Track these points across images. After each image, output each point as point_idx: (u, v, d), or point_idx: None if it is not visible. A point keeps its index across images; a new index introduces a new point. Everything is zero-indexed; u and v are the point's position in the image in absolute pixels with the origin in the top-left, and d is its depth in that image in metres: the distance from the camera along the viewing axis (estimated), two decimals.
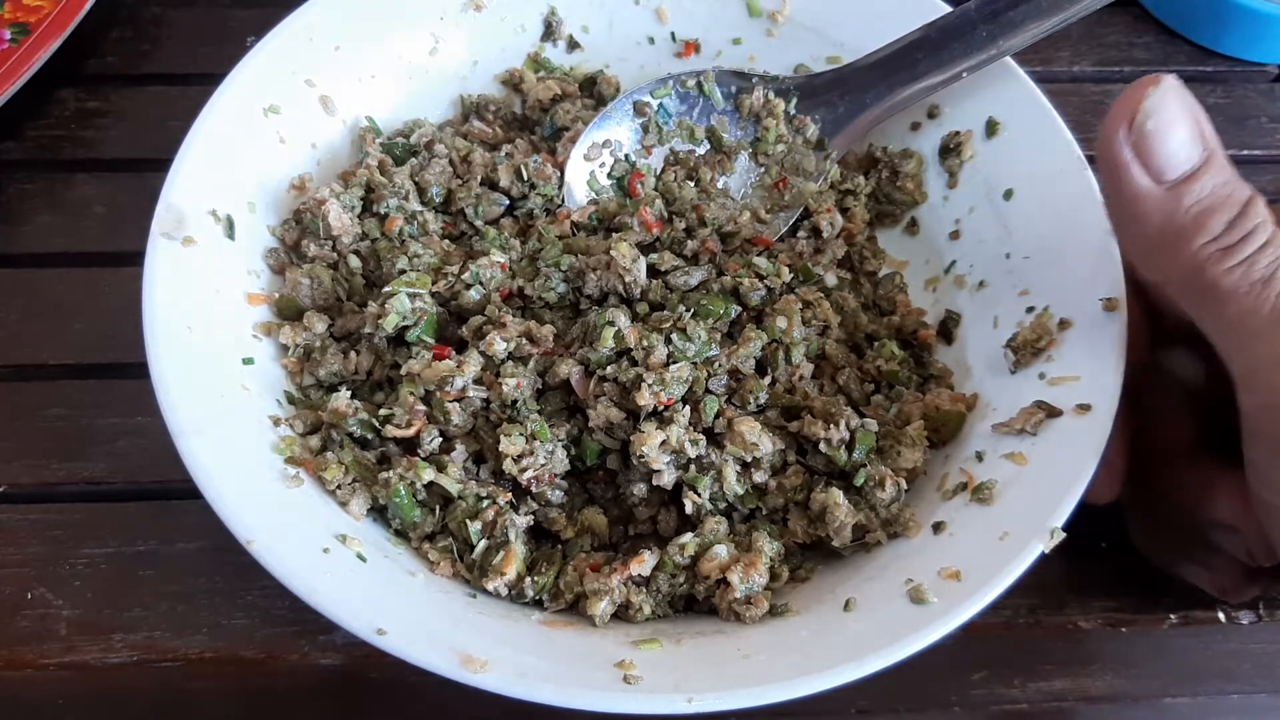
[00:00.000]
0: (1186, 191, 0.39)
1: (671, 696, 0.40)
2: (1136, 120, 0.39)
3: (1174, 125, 0.39)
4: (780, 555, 0.48)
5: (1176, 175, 0.39)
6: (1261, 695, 0.54)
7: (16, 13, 0.69)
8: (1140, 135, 0.39)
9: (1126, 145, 0.40)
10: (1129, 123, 0.40)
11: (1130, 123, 0.40)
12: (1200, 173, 0.39)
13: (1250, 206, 0.39)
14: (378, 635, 0.41)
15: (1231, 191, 0.39)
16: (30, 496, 0.55)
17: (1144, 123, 0.39)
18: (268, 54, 0.56)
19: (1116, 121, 0.40)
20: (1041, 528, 0.43)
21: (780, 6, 0.63)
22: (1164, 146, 0.39)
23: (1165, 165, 0.39)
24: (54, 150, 0.69)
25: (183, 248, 0.50)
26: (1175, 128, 0.39)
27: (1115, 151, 0.40)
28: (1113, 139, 0.40)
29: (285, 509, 0.46)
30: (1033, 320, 0.51)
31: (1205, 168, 0.39)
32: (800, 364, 0.53)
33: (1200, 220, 0.39)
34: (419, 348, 0.52)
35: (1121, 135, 0.40)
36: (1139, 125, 0.39)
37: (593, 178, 0.60)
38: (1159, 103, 0.39)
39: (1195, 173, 0.39)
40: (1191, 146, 0.39)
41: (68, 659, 0.51)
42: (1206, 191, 0.39)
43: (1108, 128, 0.40)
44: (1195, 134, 0.39)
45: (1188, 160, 0.39)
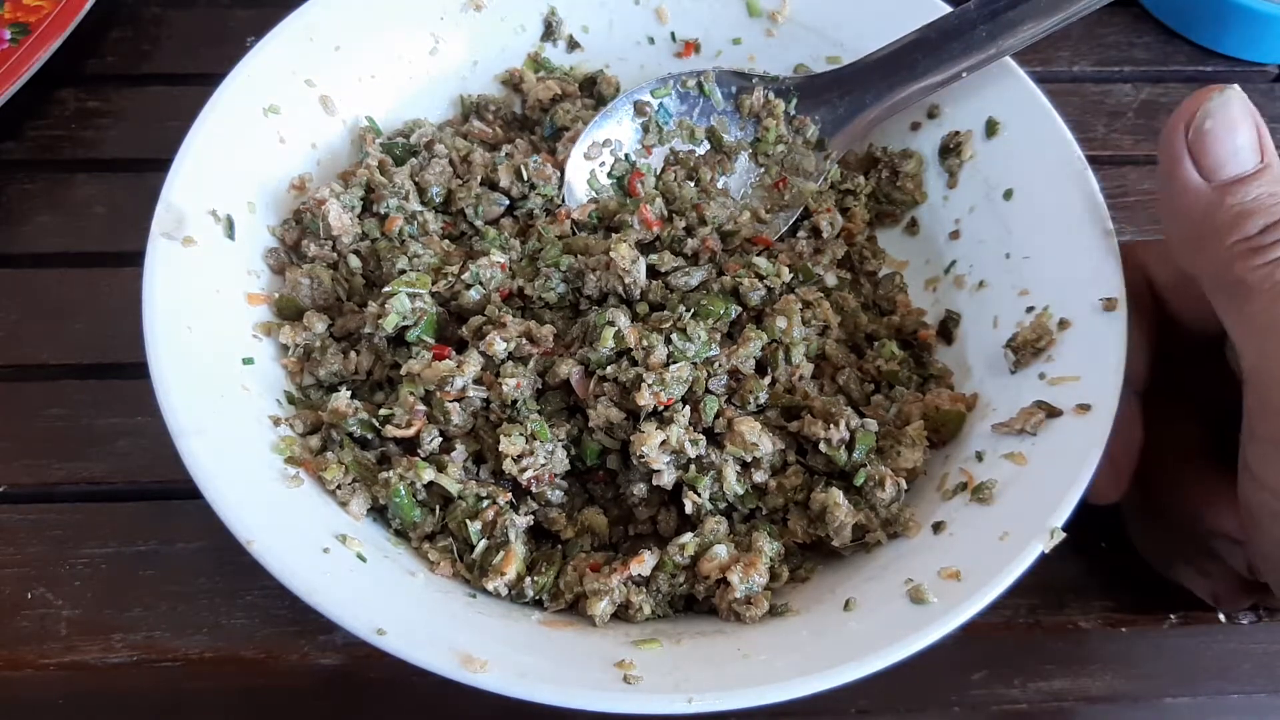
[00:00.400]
0: (1231, 192, 0.41)
1: (671, 696, 0.40)
2: (1196, 119, 0.42)
3: (1232, 130, 0.41)
4: (780, 555, 0.48)
5: (1227, 177, 0.41)
6: (1261, 695, 0.54)
7: (17, 13, 0.69)
8: (1197, 133, 0.42)
9: (1183, 140, 0.42)
10: (1190, 120, 0.42)
11: (1191, 120, 0.42)
12: (1250, 179, 0.41)
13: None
14: (378, 635, 0.41)
15: (1277, 202, 0.41)
16: (30, 496, 0.55)
17: (1203, 121, 0.41)
18: (268, 54, 0.56)
19: (1179, 117, 0.42)
20: (1041, 528, 0.43)
21: (780, 6, 0.63)
22: (1219, 147, 0.41)
23: (1217, 165, 0.41)
24: (54, 150, 0.69)
25: (183, 248, 0.50)
26: (1233, 132, 0.41)
27: (1172, 144, 0.42)
28: (1173, 133, 0.42)
29: (285, 509, 0.46)
30: (1033, 320, 0.51)
31: (1256, 175, 0.41)
32: (800, 364, 0.53)
33: (1238, 219, 0.41)
34: (419, 348, 0.52)
35: (1181, 130, 0.42)
36: (1198, 123, 0.42)
37: (593, 177, 0.60)
38: (1220, 106, 0.41)
39: (1245, 178, 0.41)
40: (1247, 153, 0.41)
41: (68, 659, 0.51)
42: (1251, 196, 0.41)
43: (1171, 122, 0.43)
44: (1253, 142, 0.41)
45: (1240, 165, 0.41)
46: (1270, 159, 0.41)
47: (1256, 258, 0.40)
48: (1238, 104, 0.42)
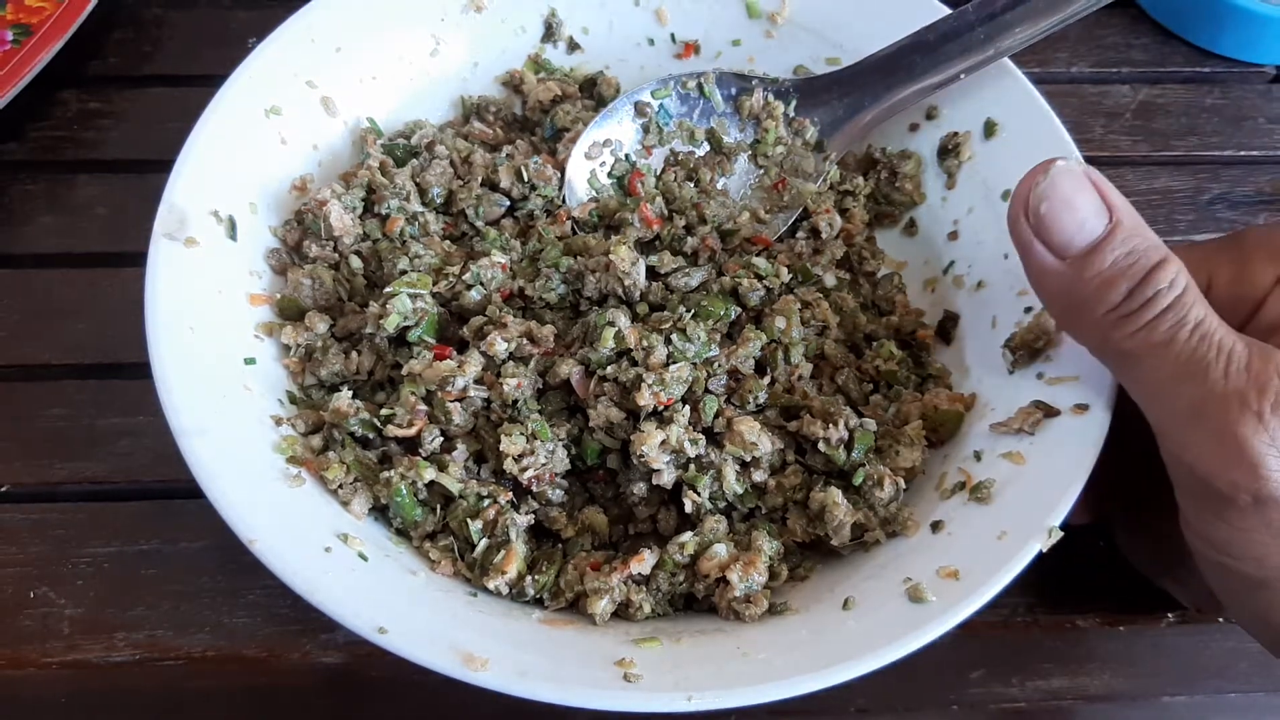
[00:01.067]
0: (1087, 264, 0.41)
1: (671, 695, 0.40)
2: (1030, 205, 0.42)
3: (1069, 204, 0.41)
4: (779, 554, 0.48)
5: (1079, 249, 0.41)
6: (1259, 694, 0.54)
7: (19, 14, 0.69)
8: (1037, 218, 0.42)
9: (1027, 227, 0.42)
10: (1026, 206, 0.42)
11: (1027, 206, 0.42)
12: (1102, 245, 0.41)
13: (1156, 272, 0.40)
14: (379, 634, 0.41)
15: (1135, 260, 0.40)
16: (32, 496, 0.56)
17: (1037, 206, 0.41)
18: (269, 55, 0.57)
19: (1016, 206, 0.42)
20: (1039, 527, 0.43)
21: (779, 8, 0.63)
22: (1060, 224, 0.41)
23: (1066, 241, 0.41)
24: (56, 151, 0.69)
25: (185, 248, 0.50)
26: (1071, 207, 0.41)
27: (1019, 231, 0.43)
28: (1015, 220, 0.43)
29: (287, 508, 0.46)
30: (1031, 320, 0.52)
31: (1106, 240, 0.41)
32: (799, 364, 0.53)
33: (1101, 291, 0.41)
34: (420, 348, 0.52)
35: (1022, 219, 0.42)
36: (1033, 208, 0.42)
37: (593, 176, 0.61)
38: (1049, 187, 0.41)
39: (1097, 245, 0.41)
40: (1092, 221, 0.41)
41: (70, 658, 0.51)
42: (1107, 263, 0.41)
43: (1010, 210, 0.43)
44: (1095, 207, 0.41)
45: (1089, 234, 0.41)
46: (1120, 215, 0.41)
47: (1128, 324, 0.40)
48: (1064, 177, 0.41)
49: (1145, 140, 0.72)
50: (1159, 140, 0.72)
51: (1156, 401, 0.41)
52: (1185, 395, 0.40)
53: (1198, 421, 0.39)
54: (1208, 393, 0.39)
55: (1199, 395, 0.39)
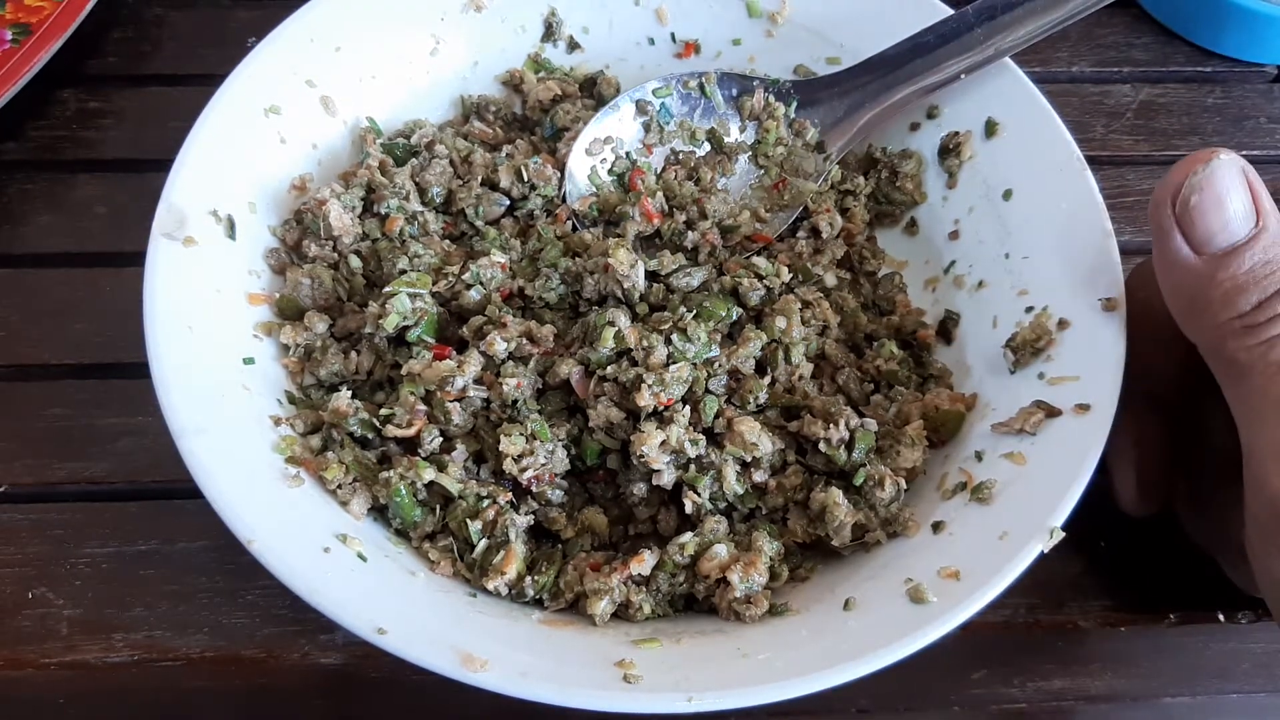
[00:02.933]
0: (1223, 265, 0.40)
1: (671, 695, 0.40)
2: (1181, 193, 0.40)
3: (1220, 202, 0.40)
4: (780, 555, 0.48)
5: (1218, 248, 0.40)
6: (1261, 695, 0.54)
7: (18, 13, 0.69)
8: (1184, 207, 0.40)
9: (1171, 214, 0.41)
10: (1176, 193, 0.40)
11: (1177, 193, 0.40)
12: (1243, 248, 0.40)
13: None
14: (378, 635, 0.41)
15: (1273, 271, 0.39)
16: (31, 496, 0.55)
17: (1188, 197, 0.40)
18: (268, 55, 0.56)
19: (1166, 190, 0.41)
20: (1041, 527, 0.43)
21: (780, 7, 0.63)
22: (1206, 221, 0.40)
23: (1207, 238, 0.40)
24: (55, 150, 0.69)
25: (184, 248, 0.50)
26: (1222, 204, 0.40)
27: (1160, 218, 0.41)
28: (1160, 206, 0.41)
29: (286, 508, 0.46)
30: (1032, 320, 0.51)
31: (1250, 243, 0.40)
32: (800, 364, 0.53)
33: (1230, 296, 0.40)
34: (419, 348, 0.52)
35: (1168, 205, 0.41)
36: (1184, 197, 0.40)
37: (594, 172, 0.60)
38: (1206, 179, 0.40)
39: (1238, 248, 0.40)
40: (1239, 222, 0.40)
41: (69, 658, 0.51)
42: (1244, 268, 0.40)
43: (1157, 194, 0.41)
44: (1245, 208, 0.40)
45: (1233, 235, 0.40)
46: (1268, 220, 0.40)
47: (1249, 337, 0.39)
48: (1225, 172, 0.40)
49: (1146, 140, 0.72)
50: (1160, 140, 0.72)
51: (1255, 422, 0.40)
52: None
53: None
54: None
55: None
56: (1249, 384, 0.40)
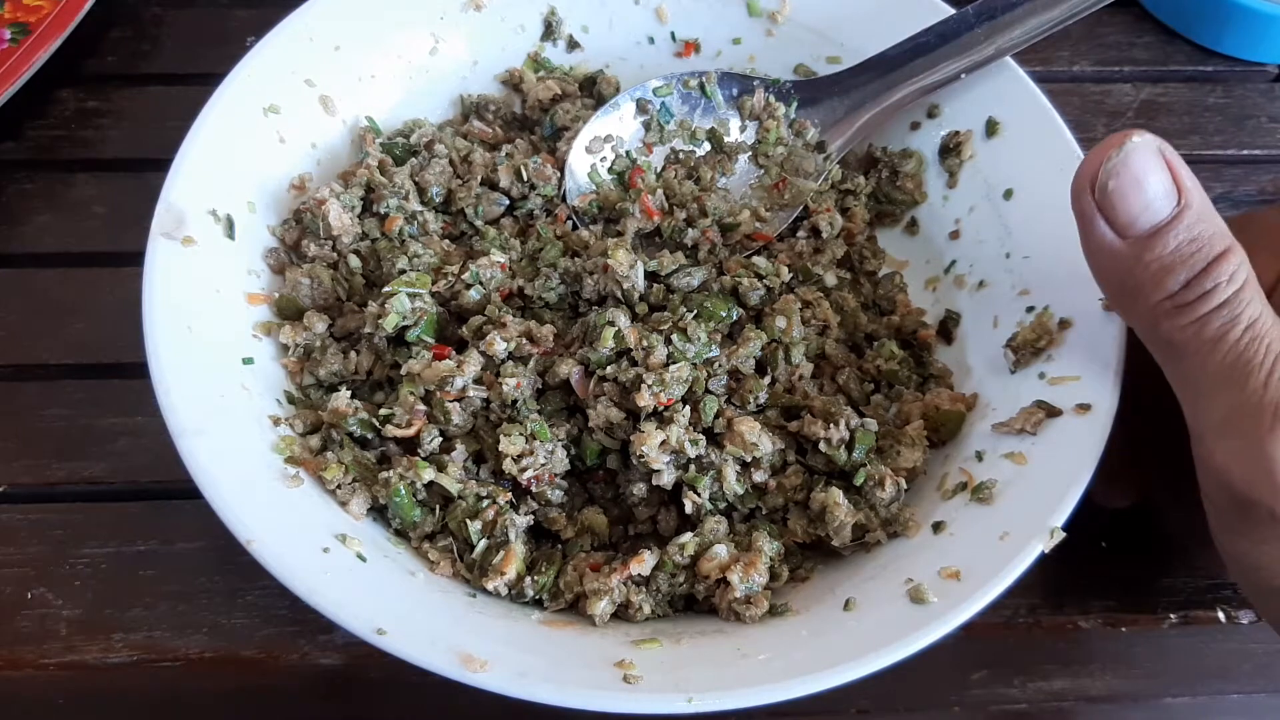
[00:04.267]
0: (1148, 247, 0.39)
1: (671, 696, 0.40)
2: (1099, 180, 0.40)
3: (1139, 183, 0.39)
4: (780, 555, 0.48)
5: (1141, 230, 0.40)
6: (1261, 695, 0.54)
7: (16, 12, 0.69)
8: (1103, 193, 0.40)
9: (1091, 200, 0.40)
10: (1093, 180, 0.40)
11: (1095, 180, 0.40)
12: (1166, 229, 0.39)
13: (1217, 264, 0.39)
14: (378, 635, 0.41)
15: (1200, 248, 0.39)
16: (30, 496, 0.55)
17: (1105, 182, 0.40)
18: (268, 54, 0.56)
19: (1083, 178, 0.41)
20: (1041, 527, 0.43)
21: (780, 7, 0.63)
22: (1126, 204, 0.39)
23: (1129, 221, 0.40)
24: (54, 150, 0.68)
25: (183, 247, 0.50)
26: (1140, 185, 0.39)
27: (1081, 205, 0.41)
28: (1079, 193, 0.41)
29: (285, 509, 0.46)
30: (1033, 320, 0.51)
31: (1172, 223, 0.39)
32: (800, 364, 0.53)
33: (1158, 276, 0.39)
34: (419, 348, 0.52)
35: (1087, 192, 0.40)
36: (1100, 185, 0.40)
37: (594, 170, 0.60)
38: (1121, 163, 0.39)
39: (1161, 229, 0.39)
40: (1161, 201, 0.39)
41: (68, 659, 0.51)
42: (1169, 248, 0.39)
43: (1075, 182, 0.41)
44: (1165, 188, 0.39)
45: (1155, 215, 0.39)
46: (1189, 197, 0.39)
47: (1181, 316, 0.39)
48: (1140, 154, 0.39)
49: None
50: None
51: (1195, 400, 0.40)
52: (1223, 400, 0.39)
53: (1230, 428, 0.38)
54: (1244, 400, 0.38)
55: (1236, 401, 0.38)
56: (1186, 363, 0.40)
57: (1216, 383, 0.39)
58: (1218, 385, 0.39)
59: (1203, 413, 0.40)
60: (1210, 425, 0.40)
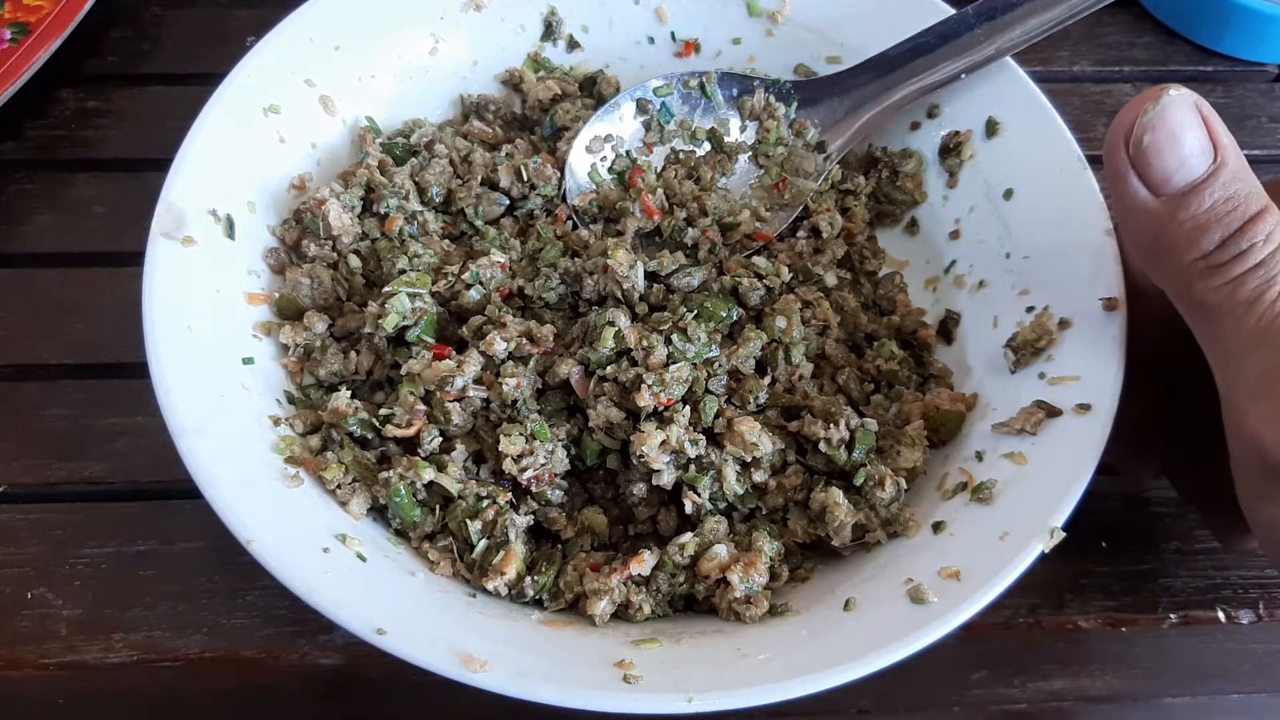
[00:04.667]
0: (1183, 205, 0.39)
1: (671, 696, 0.40)
2: (1133, 135, 0.39)
3: (1175, 139, 0.38)
4: (780, 555, 0.48)
5: (1176, 188, 0.39)
6: (1261, 695, 0.54)
7: (16, 12, 0.69)
8: (1138, 149, 0.39)
9: (1125, 156, 0.39)
10: (1128, 134, 0.39)
11: (1129, 134, 0.39)
12: (1201, 186, 0.38)
13: (1253, 224, 0.38)
14: (378, 635, 0.41)
15: (1235, 206, 0.38)
16: (30, 496, 0.55)
17: (1140, 137, 0.39)
18: (268, 54, 0.56)
19: (1117, 134, 0.40)
20: (1042, 527, 0.43)
21: (780, 6, 0.63)
22: (1161, 160, 0.39)
23: (1164, 178, 0.39)
24: (54, 150, 0.69)
25: (183, 247, 0.50)
26: (1176, 141, 0.38)
27: (1115, 161, 0.40)
28: (1114, 149, 0.40)
29: (285, 509, 0.46)
30: (1033, 320, 0.51)
31: (1207, 181, 0.38)
32: (800, 364, 0.53)
33: (1192, 235, 0.38)
34: (419, 348, 0.52)
35: (1121, 147, 0.40)
36: (1135, 139, 0.39)
37: (594, 170, 0.60)
38: (1158, 117, 0.38)
39: (1196, 186, 0.38)
40: (1197, 158, 0.38)
41: (68, 659, 0.51)
42: (1204, 206, 0.38)
43: (1110, 138, 0.40)
44: (1201, 144, 0.38)
45: (1190, 173, 0.38)
46: (1225, 155, 0.38)
47: (1215, 277, 0.38)
48: (1177, 108, 0.38)
49: None
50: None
51: (1228, 363, 0.39)
52: (1258, 362, 0.37)
53: (1264, 392, 0.37)
54: None
55: (1271, 364, 0.37)
56: (1219, 325, 0.39)
57: (1250, 345, 0.38)
58: (1251, 347, 0.38)
59: (1235, 376, 0.39)
60: (1243, 389, 0.39)
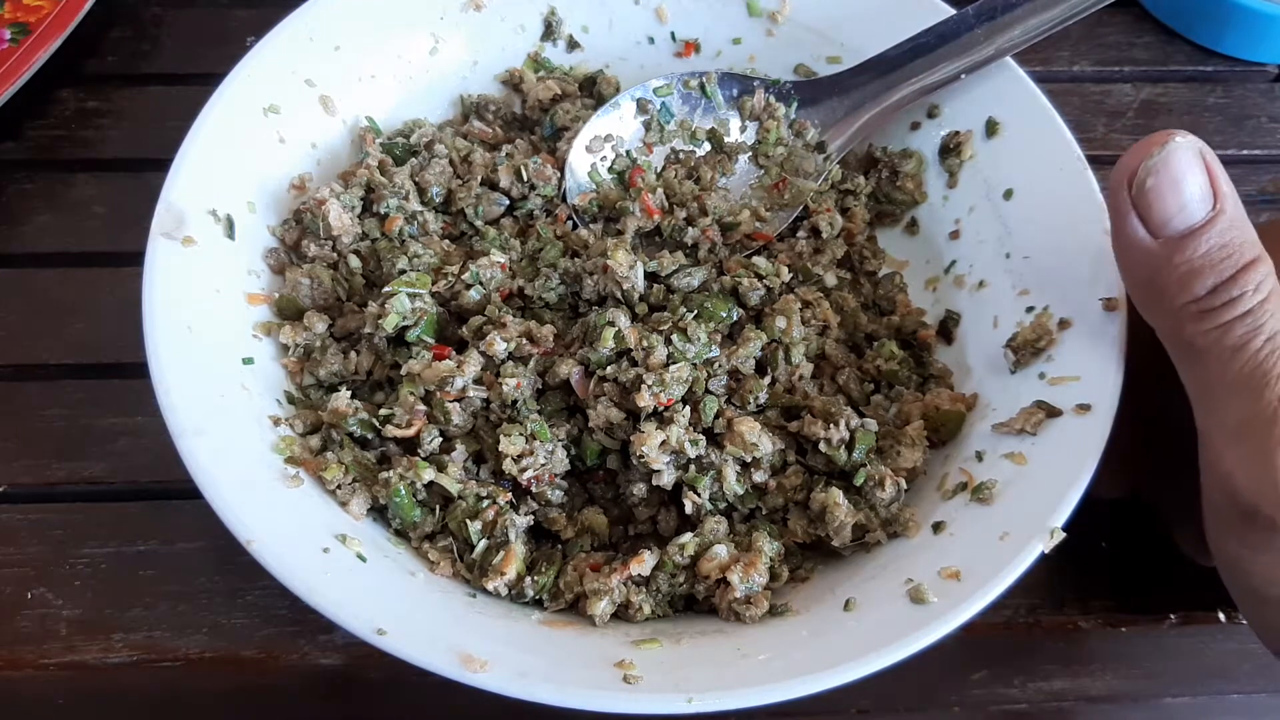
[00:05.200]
0: (1179, 249, 0.40)
1: (671, 696, 0.40)
2: (1137, 177, 0.40)
3: (1177, 185, 0.39)
4: (780, 555, 0.48)
5: (1174, 231, 0.40)
6: (1261, 695, 0.54)
7: (16, 12, 0.69)
8: (1140, 190, 0.40)
9: (1128, 196, 0.40)
10: (1132, 175, 0.40)
11: (1134, 176, 0.40)
12: (1200, 232, 0.39)
13: (1245, 272, 0.39)
14: (377, 635, 0.41)
15: (1230, 254, 0.39)
16: (30, 496, 0.55)
17: (1144, 180, 0.40)
18: (268, 54, 0.56)
19: (1121, 174, 0.41)
20: (1041, 528, 0.43)
21: (780, 6, 0.63)
22: (1162, 204, 0.40)
23: (1163, 221, 0.40)
24: (54, 150, 0.68)
25: (183, 247, 0.50)
26: (1178, 187, 0.39)
27: (1117, 201, 0.41)
28: (1117, 189, 0.41)
29: (285, 509, 0.46)
30: (1033, 320, 0.51)
31: (1205, 227, 0.39)
32: (800, 364, 0.53)
33: (1186, 279, 0.39)
34: (419, 348, 0.52)
35: (1125, 187, 0.40)
36: (1139, 182, 0.40)
37: (594, 169, 0.60)
38: (1162, 162, 0.39)
39: (1194, 231, 0.39)
40: (1196, 204, 0.39)
41: (68, 659, 0.51)
42: (1201, 252, 0.39)
43: (1114, 177, 0.41)
44: (1202, 191, 0.39)
45: (1189, 218, 0.39)
46: (1224, 203, 0.39)
47: (1205, 321, 0.39)
48: (1181, 155, 0.39)
49: None
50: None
51: (1209, 404, 0.40)
52: (1237, 407, 0.39)
53: (1241, 436, 0.39)
54: (1259, 410, 0.38)
55: (1250, 410, 0.38)
56: (1204, 367, 0.40)
57: (1232, 389, 0.39)
58: (1233, 392, 0.39)
59: (1215, 417, 0.40)
60: (1221, 430, 0.40)
